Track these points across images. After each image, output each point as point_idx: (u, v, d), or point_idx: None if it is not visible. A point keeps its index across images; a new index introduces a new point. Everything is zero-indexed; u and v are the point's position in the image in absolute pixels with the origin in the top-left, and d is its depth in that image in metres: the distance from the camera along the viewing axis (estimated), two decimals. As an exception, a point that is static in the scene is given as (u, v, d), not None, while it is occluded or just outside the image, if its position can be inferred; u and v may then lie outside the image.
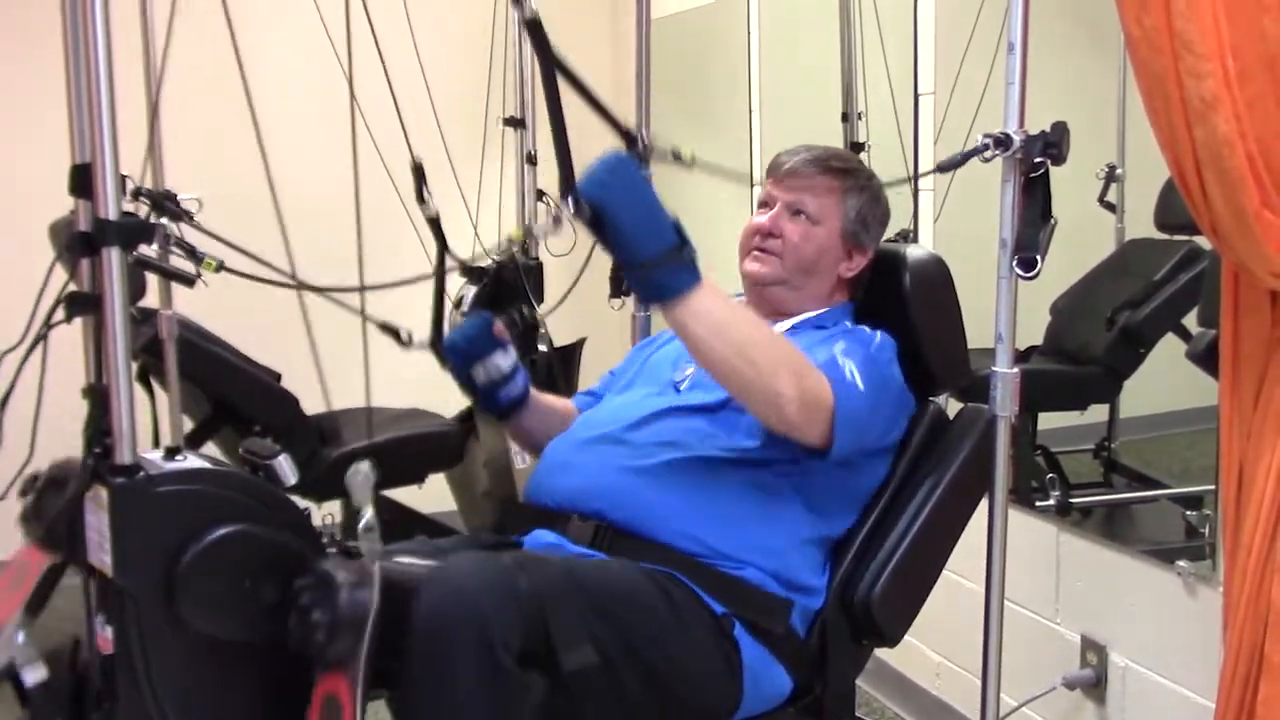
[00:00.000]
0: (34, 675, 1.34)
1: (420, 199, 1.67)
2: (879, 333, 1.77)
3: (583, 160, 1.51)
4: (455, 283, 3.24)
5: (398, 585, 1.38)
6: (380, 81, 2.71)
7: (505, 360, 1.85)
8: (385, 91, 2.72)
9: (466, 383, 1.87)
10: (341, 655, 1.29)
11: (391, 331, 1.86)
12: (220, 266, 1.81)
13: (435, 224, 1.71)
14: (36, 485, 1.44)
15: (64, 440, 1.49)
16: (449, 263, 1.89)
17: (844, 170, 1.86)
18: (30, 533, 1.42)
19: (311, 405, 3.00)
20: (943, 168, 1.68)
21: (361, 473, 1.37)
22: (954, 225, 2.73)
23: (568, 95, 1.52)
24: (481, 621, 1.33)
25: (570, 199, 1.45)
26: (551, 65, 1.50)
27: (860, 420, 1.63)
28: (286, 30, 2.74)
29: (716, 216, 3.93)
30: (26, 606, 1.37)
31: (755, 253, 1.85)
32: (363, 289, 1.65)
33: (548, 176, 3.20)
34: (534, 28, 1.47)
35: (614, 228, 1.45)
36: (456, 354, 1.85)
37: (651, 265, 1.46)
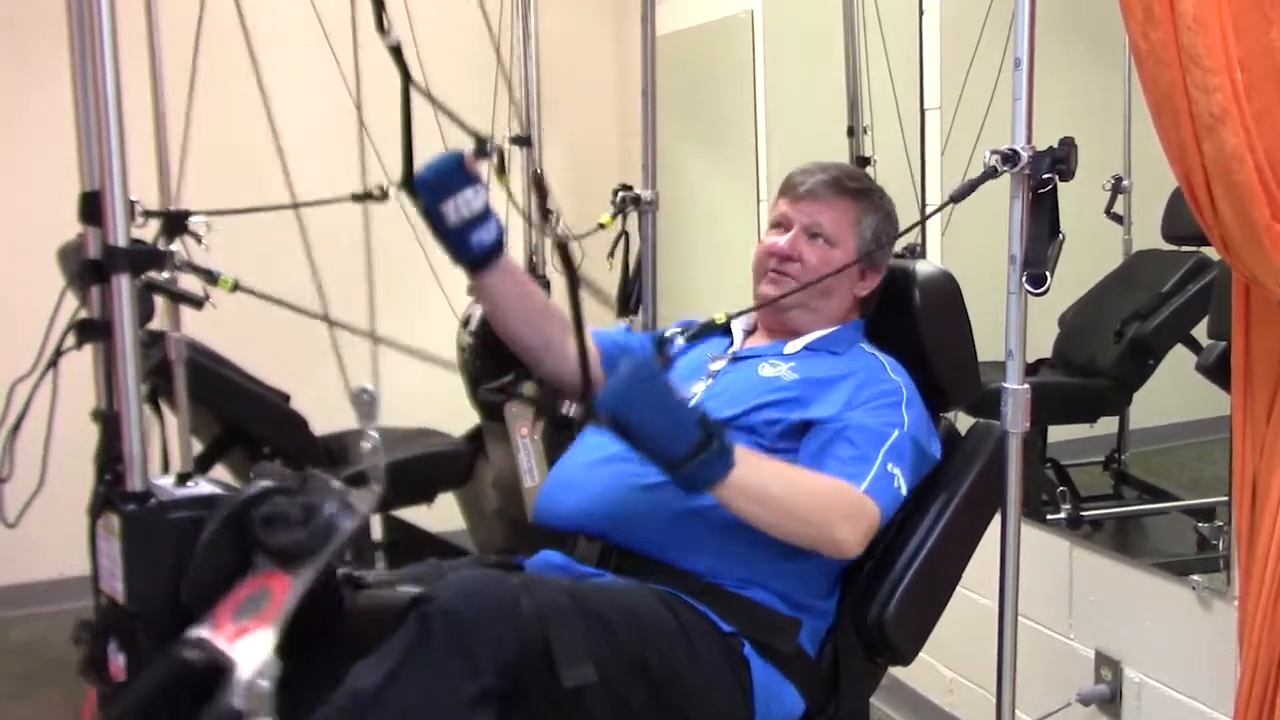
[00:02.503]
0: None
1: (380, 28, 1.61)
2: (905, 388, 1.74)
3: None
4: (463, 297, 3.25)
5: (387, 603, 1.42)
6: (386, 101, 2.72)
7: (477, 198, 1.75)
8: (391, 111, 2.73)
9: (438, 224, 1.76)
10: (294, 552, 1.27)
11: (365, 195, 1.84)
12: (236, 286, 1.80)
13: (397, 52, 1.64)
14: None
15: (76, 467, 1.50)
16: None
17: (860, 191, 1.86)
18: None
19: (320, 426, 3.01)
20: (955, 198, 1.67)
21: (369, 393, 1.34)
22: (961, 238, 2.73)
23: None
24: (459, 631, 1.33)
25: (591, 411, 1.48)
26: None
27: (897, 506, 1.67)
28: (292, 51, 2.75)
29: (724, 229, 3.94)
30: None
31: (772, 275, 1.84)
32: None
33: (554, 194, 3.22)
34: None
35: (639, 438, 1.46)
36: (426, 187, 1.75)
37: (684, 463, 1.46)
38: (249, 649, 1.20)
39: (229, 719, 1.16)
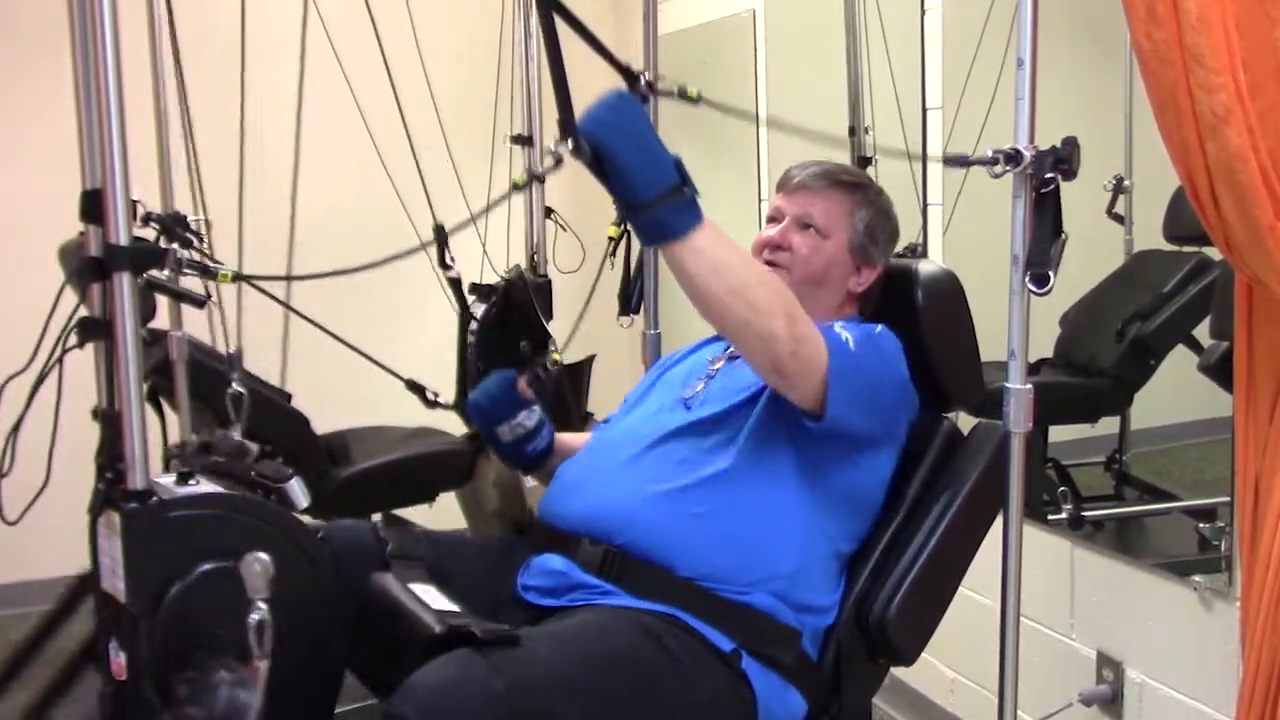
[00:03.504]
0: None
1: (443, 263, 1.65)
2: (881, 326, 1.76)
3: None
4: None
5: (405, 616, 1.44)
6: (388, 100, 2.72)
7: (530, 419, 1.87)
8: (393, 110, 2.73)
9: (491, 440, 1.88)
10: None
11: (418, 390, 1.87)
12: (236, 276, 1.81)
13: (456, 285, 1.68)
14: None
15: (77, 465, 1.49)
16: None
17: (853, 184, 1.87)
18: None
19: (321, 425, 3.01)
20: (949, 161, 1.67)
21: (260, 563, 1.29)
22: (963, 238, 2.72)
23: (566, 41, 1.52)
24: None
25: (569, 139, 1.44)
26: (549, 4, 1.51)
27: (853, 381, 1.60)
28: (295, 50, 2.75)
29: (725, 228, 3.93)
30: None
31: (764, 265, 1.84)
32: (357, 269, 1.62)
33: (555, 194, 3.21)
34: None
35: (613, 167, 1.43)
36: (481, 414, 1.86)
37: (651, 205, 1.44)
38: None
39: None
